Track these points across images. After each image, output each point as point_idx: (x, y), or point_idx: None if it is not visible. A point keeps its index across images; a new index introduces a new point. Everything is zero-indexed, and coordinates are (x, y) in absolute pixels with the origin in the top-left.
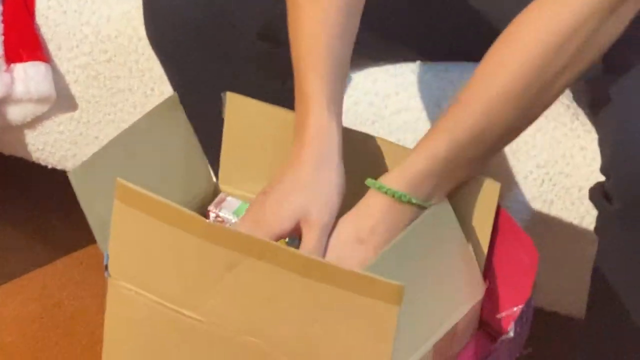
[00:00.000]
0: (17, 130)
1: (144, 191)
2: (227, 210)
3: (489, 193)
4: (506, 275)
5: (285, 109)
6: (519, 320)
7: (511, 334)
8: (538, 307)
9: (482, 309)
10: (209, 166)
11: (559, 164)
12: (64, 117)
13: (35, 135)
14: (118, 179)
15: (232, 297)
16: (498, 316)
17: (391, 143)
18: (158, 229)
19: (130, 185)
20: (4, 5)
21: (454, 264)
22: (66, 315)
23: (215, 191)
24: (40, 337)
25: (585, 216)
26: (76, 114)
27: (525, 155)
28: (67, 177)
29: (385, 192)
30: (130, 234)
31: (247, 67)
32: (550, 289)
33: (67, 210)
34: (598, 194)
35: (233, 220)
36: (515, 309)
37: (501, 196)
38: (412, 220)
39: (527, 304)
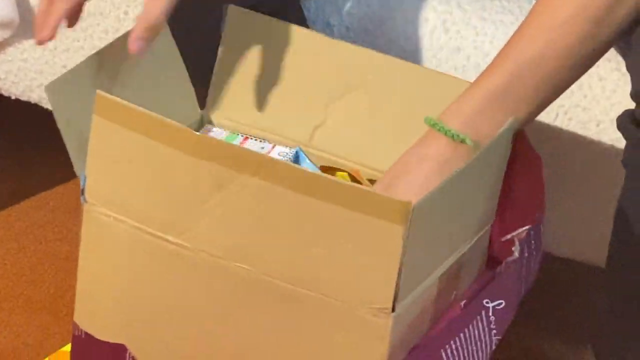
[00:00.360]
0: None
1: (126, 103)
2: None
3: None
4: (515, 198)
5: (295, 25)
6: (526, 240)
7: (516, 254)
8: (551, 253)
9: (490, 239)
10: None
11: (576, 95)
12: (28, 44)
13: None
14: (98, 91)
15: (222, 220)
16: (503, 239)
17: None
18: (141, 145)
19: (112, 97)
20: None
21: (480, 194)
22: (31, 262)
23: (202, 121)
24: (3, 286)
25: (603, 154)
26: None
27: None
28: (31, 111)
29: (439, 130)
30: (110, 152)
31: None
32: (564, 234)
33: (29, 150)
34: (627, 120)
35: None
36: (521, 229)
37: None
38: (465, 160)
39: (536, 226)
